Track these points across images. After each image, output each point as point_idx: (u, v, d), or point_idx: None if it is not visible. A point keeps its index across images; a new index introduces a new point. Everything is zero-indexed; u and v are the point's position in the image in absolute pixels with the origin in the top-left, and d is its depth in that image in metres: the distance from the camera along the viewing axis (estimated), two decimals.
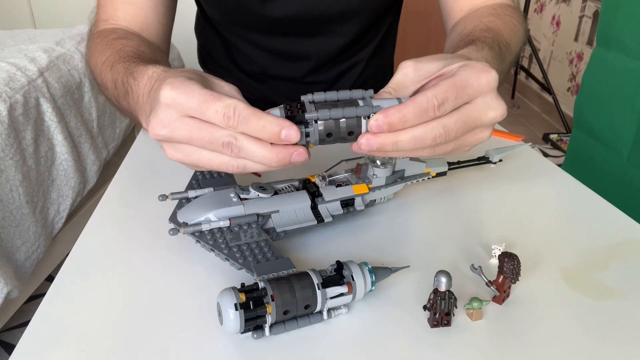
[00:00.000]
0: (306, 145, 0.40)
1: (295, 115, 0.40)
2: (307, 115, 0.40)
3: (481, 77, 0.41)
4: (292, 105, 0.41)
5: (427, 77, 0.44)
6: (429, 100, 0.39)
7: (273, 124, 0.38)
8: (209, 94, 0.39)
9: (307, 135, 0.40)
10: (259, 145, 0.39)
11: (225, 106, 0.38)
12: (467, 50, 0.51)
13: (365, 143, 0.40)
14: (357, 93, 0.41)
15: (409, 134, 0.39)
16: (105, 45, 0.63)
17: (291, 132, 0.38)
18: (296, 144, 0.39)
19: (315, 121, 0.40)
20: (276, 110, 0.40)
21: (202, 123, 0.39)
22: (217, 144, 0.39)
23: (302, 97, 0.41)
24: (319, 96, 0.41)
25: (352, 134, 0.41)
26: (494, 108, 0.42)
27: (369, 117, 0.40)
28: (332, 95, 0.41)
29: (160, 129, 0.40)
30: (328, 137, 0.41)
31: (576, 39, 2.82)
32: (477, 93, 0.41)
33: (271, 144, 0.39)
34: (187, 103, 0.39)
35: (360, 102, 0.41)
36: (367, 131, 0.40)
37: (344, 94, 0.41)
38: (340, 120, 0.40)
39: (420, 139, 0.40)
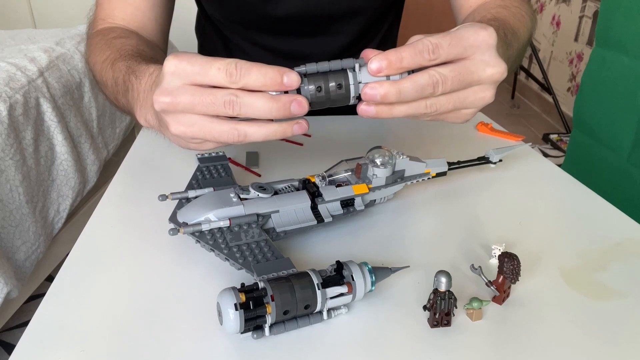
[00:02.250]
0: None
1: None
2: (295, 69, 0.41)
3: (478, 33, 0.42)
4: None
5: None
6: (424, 43, 0.40)
7: (274, 70, 0.39)
8: (210, 58, 0.40)
9: (298, 91, 0.42)
10: (259, 97, 0.40)
11: (227, 63, 0.39)
12: None
13: (369, 92, 0.41)
14: (348, 62, 0.43)
15: (409, 81, 0.40)
16: (104, 44, 0.63)
17: (292, 75, 0.40)
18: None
19: (305, 75, 0.42)
20: None
21: (203, 88, 0.40)
22: (219, 104, 0.40)
23: (295, 69, 0.42)
24: (311, 67, 0.42)
25: (342, 87, 0.42)
26: (492, 65, 0.43)
27: (354, 69, 0.42)
28: (323, 65, 0.42)
29: (164, 97, 0.41)
30: (319, 92, 0.42)
31: (576, 39, 2.82)
32: (474, 48, 0.42)
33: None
34: (190, 68, 0.40)
35: (350, 74, 0.42)
36: (357, 89, 0.42)
37: (335, 64, 0.42)
38: (328, 74, 0.42)
39: (421, 85, 0.40)
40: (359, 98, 0.44)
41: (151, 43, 0.70)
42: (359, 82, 0.43)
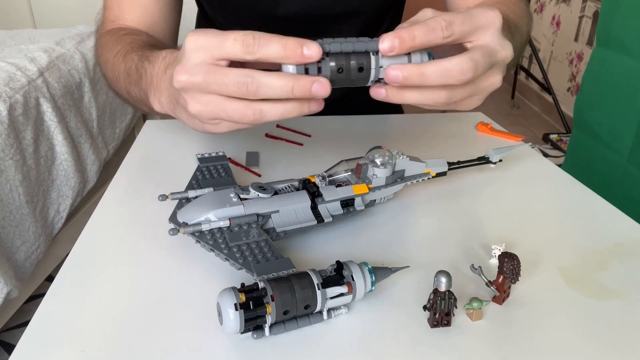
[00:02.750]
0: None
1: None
2: (318, 41, 0.40)
3: (487, 13, 0.42)
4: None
5: None
6: (437, 21, 0.39)
7: (294, 40, 0.38)
8: (224, 32, 0.39)
9: (319, 70, 0.40)
10: (276, 75, 0.39)
11: (243, 34, 0.38)
12: None
13: (392, 74, 0.39)
14: (364, 38, 0.41)
15: (435, 65, 0.39)
16: (115, 41, 0.64)
17: (312, 46, 0.38)
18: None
19: (327, 54, 0.40)
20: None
21: (218, 67, 0.40)
22: (232, 85, 0.39)
23: (317, 41, 0.41)
24: (335, 45, 0.40)
25: (362, 70, 0.41)
26: (504, 47, 0.43)
27: (377, 53, 0.41)
28: (340, 39, 0.41)
29: (182, 75, 0.40)
30: (339, 72, 0.41)
31: (576, 39, 2.82)
32: (485, 27, 0.42)
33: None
34: (207, 41, 0.39)
35: (368, 42, 0.41)
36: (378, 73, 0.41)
37: (352, 39, 0.41)
38: (351, 55, 0.41)
39: (448, 70, 0.40)
40: (377, 81, 0.43)
41: (161, 41, 0.71)
42: (380, 67, 0.41)
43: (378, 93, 0.42)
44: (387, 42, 0.39)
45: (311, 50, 0.38)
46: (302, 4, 0.76)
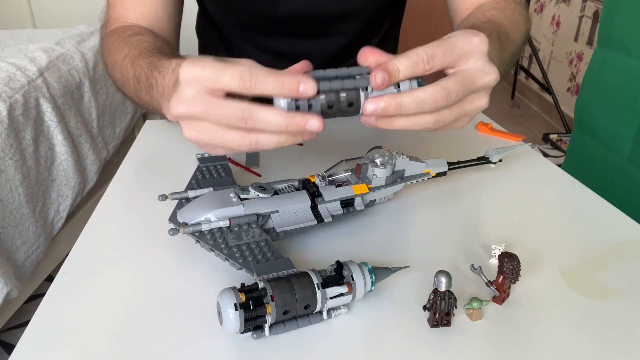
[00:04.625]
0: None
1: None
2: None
3: (471, 40, 0.43)
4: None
5: None
6: (418, 54, 0.41)
7: (291, 78, 0.39)
8: (223, 64, 0.40)
9: (310, 107, 0.42)
10: (273, 112, 0.40)
11: (239, 70, 0.39)
12: None
13: (370, 108, 0.41)
14: (354, 70, 0.43)
15: (410, 96, 0.41)
16: (121, 42, 0.64)
17: (308, 83, 0.39)
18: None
19: (318, 92, 0.41)
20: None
21: (217, 99, 0.40)
22: (231, 119, 0.40)
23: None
24: (319, 73, 0.42)
25: (352, 105, 0.43)
26: (488, 72, 0.44)
27: (366, 89, 0.42)
28: (331, 72, 0.42)
29: (179, 106, 0.41)
30: (330, 108, 0.42)
31: (576, 39, 2.82)
32: (468, 55, 0.43)
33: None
34: (203, 74, 0.40)
35: (358, 77, 0.42)
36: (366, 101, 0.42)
37: (343, 71, 0.42)
38: (340, 92, 0.42)
39: (422, 100, 0.41)
40: None
41: (165, 40, 0.71)
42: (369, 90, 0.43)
43: (368, 122, 0.43)
44: (379, 78, 0.41)
45: (307, 86, 0.39)
46: (302, 3, 0.76)
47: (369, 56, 0.43)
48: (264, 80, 0.39)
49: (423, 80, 0.44)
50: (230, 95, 0.41)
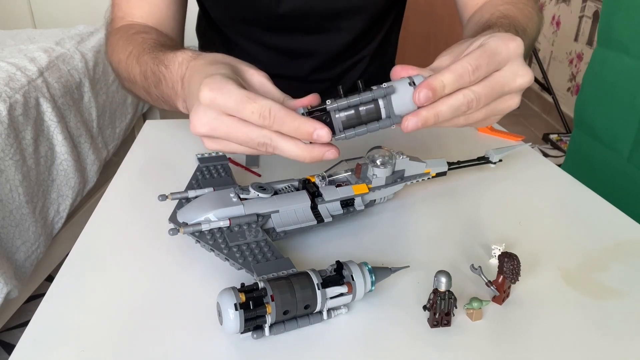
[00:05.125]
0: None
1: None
2: (335, 137, 0.43)
3: (509, 44, 0.44)
4: (315, 111, 0.43)
5: (459, 56, 0.45)
6: (464, 67, 0.42)
7: (307, 124, 0.41)
8: (245, 95, 0.41)
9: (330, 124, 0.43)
10: (293, 144, 0.42)
11: (260, 107, 0.40)
12: (486, 34, 0.52)
13: (411, 125, 0.42)
14: (378, 92, 0.43)
15: (445, 104, 0.42)
16: (126, 40, 0.64)
17: (322, 133, 0.41)
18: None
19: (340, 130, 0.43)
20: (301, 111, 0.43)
21: (239, 122, 0.42)
22: (253, 144, 0.42)
23: (327, 106, 0.43)
24: (342, 102, 0.43)
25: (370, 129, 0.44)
26: (522, 74, 0.45)
27: (387, 117, 0.44)
28: (354, 100, 0.43)
29: (201, 127, 0.43)
30: (350, 137, 0.44)
31: (576, 39, 2.82)
32: (506, 60, 0.44)
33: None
34: (224, 103, 0.41)
35: (381, 102, 0.43)
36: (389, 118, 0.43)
37: (366, 96, 0.43)
38: (361, 112, 0.44)
39: (456, 107, 0.42)
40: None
41: (169, 37, 0.71)
42: (388, 117, 0.44)
43: (407, 129, 0.44)
44: (422, 95, 0.41)
45: (321, 136, 0.41)
46: (304, 0, 0.75)
47: (402, 73, 0.44)
48: (281, 121, 0.41)
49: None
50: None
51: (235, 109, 0.41)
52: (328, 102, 0.43)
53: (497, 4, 0.66)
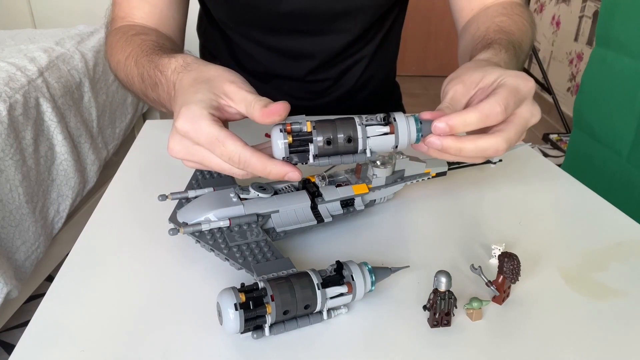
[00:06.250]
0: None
1: (296, 156, 0.44)
2: (309, 162, 0.44)
3: (528, 84, 0.46)
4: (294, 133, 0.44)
5: (473, 87, 0.47)
6: (493, 107, 0.42)
7: (278, 169, 0.42)
8: (214, 137, 0.42)
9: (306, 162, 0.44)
10: (261, 163, 0.42)
11: (228, 152, 0.42)
12: (487, 55, 0.54)
13: (432, 141, 0.43)
14: (359, 158, 0.44)
15: (473, 144, 0.43)
16: (125, 41, 0.64)
17: (294, 176, 0.43)
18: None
19: (315, 157, 0.44)
20: (277, 130, 0.43)
21: (210, 154, 0.43)
22: (226, 167, 0.43)
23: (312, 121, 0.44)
24: (324, 161, 0.44)
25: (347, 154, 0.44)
26: (535, 114, 0.47)
27: (364, 152, 0.44)
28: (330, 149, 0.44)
29: (177, 153, 0.45)
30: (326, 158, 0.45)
31: (576, 39, 2.82)
32: (523, 99, 0.45)
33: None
34: (196, 139, 0.43)
35: (359, 129, 0.43)
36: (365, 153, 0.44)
37: (348, 158, 0.44)
38: (339, 153, 0.44)
39: (483, 149, 0.43)
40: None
41: (169, 38, 0.71)
42: (366, 144, 0.44)
43: (420, 149, 0.45)
44: (442, 125, 0.42)
45: (292, 177, 0.43)
46: (305, 0, 0.75)
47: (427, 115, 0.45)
48: (252, 168, 0.42)
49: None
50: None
51: (205, 146, 0.42)
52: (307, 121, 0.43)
53: (492, 15, 0.66)
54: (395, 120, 0.44)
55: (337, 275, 0.42)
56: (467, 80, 0.47)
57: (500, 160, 0.64)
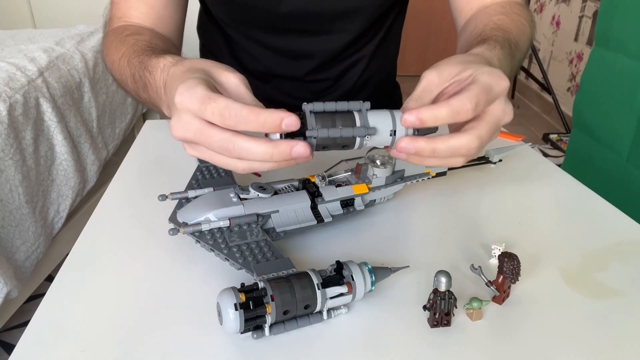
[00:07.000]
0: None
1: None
2: (307, 133, 0.41)
3: (500, 83, 0.44)
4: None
5: (449, 79, 0.46)
6: (463, 103, 0.42)
7: (273, 116, 0.39)
8: (205, 95, 0.40)
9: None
10: (258, 143, 0.40)
11: (219, 106, 0.39)
12: (481, 49, 0.53)
13: (404, 146, 0.42)
14: (354, 105, 0.43)
15: (445, 144, 0.42)
16: (119, 42, 0.65)
17: (291, 120, 0.39)
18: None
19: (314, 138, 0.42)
20: None
21: (203, 127, 0.41)
22: (216, 148, 0.41)
23: (304, 106, 0.42)
24: (318, 106, 0.42)
25: (347, 147, 0.43)
26: (508, 112, 0.46)
27: (363, 137, 0.43)
28: (330, 106, 0.42)
29: (176, 132, 0.42)
30: (324, 149, 0.43)
31: (576, 39, 2.82)
32: (495, 98, 0.44)
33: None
34: (190, 105, 0.40)
35: (357, 115, 0.43)
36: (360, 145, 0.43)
37: (342, 105, 0.42)
38: (337, 138, 0.42)
39: (456, 148, 0.42)
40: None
41: (165, 37, 0.71)
42: (364, 126, 0.43)
43: (398, 156, 0.44)
44: (412, 118, 0.41)
45: (290, 123, 0.39)
46: (305, 0, 0.75)
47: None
48: (244, 120, 0.39)
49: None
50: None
51: (198, 109, 0.40)
52: (304, 107, 0.42)
53: (491, 14, 0.66)
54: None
55: (337, 275, 0.42)
56: (444, 71, 0.46)
57: (500, 160, 0.64)
